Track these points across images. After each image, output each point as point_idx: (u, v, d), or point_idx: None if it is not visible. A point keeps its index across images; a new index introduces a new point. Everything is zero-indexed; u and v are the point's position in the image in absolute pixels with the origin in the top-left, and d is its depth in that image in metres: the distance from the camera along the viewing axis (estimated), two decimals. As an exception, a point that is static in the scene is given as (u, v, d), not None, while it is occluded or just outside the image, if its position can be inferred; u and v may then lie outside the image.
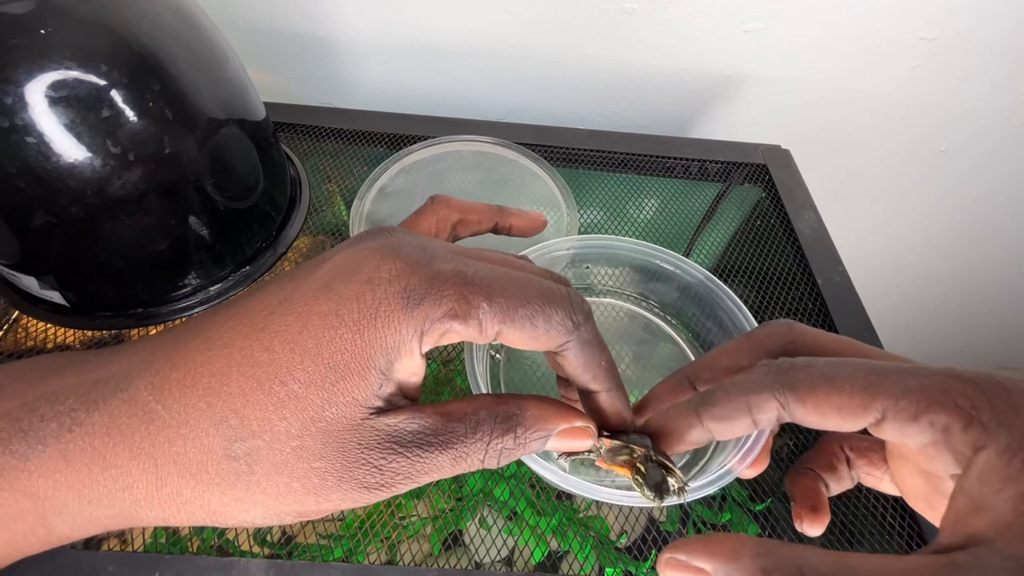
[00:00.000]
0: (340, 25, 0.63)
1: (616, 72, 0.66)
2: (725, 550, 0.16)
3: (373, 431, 0.18)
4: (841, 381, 0.18)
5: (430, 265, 0.18)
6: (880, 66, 0.66)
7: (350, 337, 0.17)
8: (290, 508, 0.17)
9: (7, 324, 0.43)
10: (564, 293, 0.20)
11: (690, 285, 0.39)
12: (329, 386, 0.17)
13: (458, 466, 0.18)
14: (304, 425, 0.17)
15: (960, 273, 0.98)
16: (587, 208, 0.56)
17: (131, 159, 0.34)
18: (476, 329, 0.18)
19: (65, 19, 0.31)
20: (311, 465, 0.17)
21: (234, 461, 0.17)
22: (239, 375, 0.17)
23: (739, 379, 0.21)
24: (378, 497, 0.18)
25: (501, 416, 0.19)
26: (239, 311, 0.19)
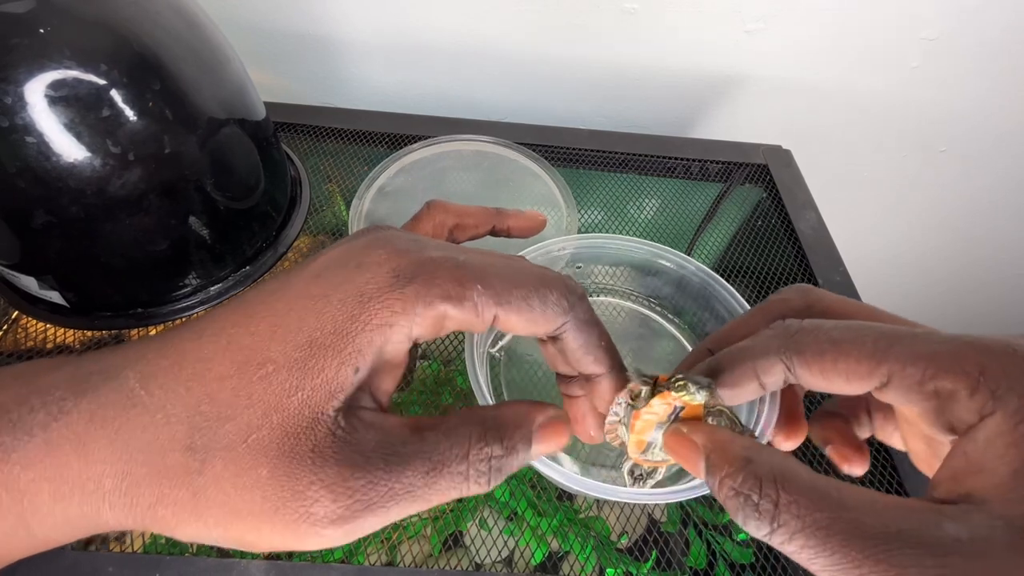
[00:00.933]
0: (340, 25, 0.63)
1: (616, 72, 0.66)
2: (719, 437, 0.18)
3: (331, 435, 0.16)
4: (848, 345, 0.18)
5: (421, 252, 0.18)
6: (880, 66, 0.66)
7: (331, 315, 0.16)
8: (228, 534, 0.16)
9: (7, 324, 0.43)
10: (558, 276, 0.20)
11: (686, 279, 0.39)
12: (299, 365, 0.16)
13: (434, 484, 0.16)
14: (266, 413, 0.16)
15: (960, 273, 0.98)
16: (587, 208, 0.56)
17: (131, 159, 0.34)
18: (472, 312, 0.17)
19: (65, 18, 0.31)
20: (259, 473, 0.15)
21: (191, 454, 0.15)
22: (223, 360, 0.16)
23: (746, 344, 0.20)
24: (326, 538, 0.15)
25: (477, 420, 0.17)
26: (234, 303, 0.18)
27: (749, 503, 0.15)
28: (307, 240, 0.50)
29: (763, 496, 0.15)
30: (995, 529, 0.13)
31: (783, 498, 0.15)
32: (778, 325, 0.20)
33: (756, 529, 0.15)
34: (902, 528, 0.14)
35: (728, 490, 0.16)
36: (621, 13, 0.60)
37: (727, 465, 0.16)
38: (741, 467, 0.16)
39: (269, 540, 0.15)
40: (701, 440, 0.18)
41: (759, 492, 0.15)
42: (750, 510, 0.15)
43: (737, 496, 0.16)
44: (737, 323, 0.24)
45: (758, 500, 0.15)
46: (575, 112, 0.71)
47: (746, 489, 0.16)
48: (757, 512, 0.15)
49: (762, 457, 0.16)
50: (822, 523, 0.14)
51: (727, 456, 0.17)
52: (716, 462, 0.17)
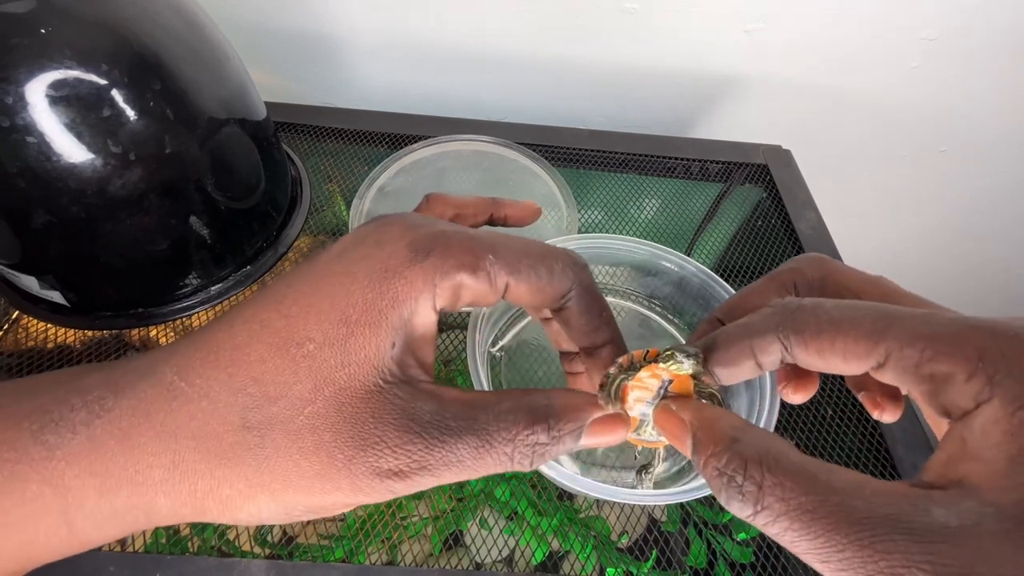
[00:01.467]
0: (341, 25, 0.63)
1: (616, 72, 0.66)
2: (708, 415, 0.18)
3: (388, 404, 0.17)
4: (846, 325, 0.17)
5: (433, 227, 0.19)
6: (880, 66, 0.66)
7: (360, 292, 0.17)
8: (297, 498, 0.16)
9: (7, 324, 0.43)
10: (562, 248, 0.20)
11: (686, 280, 0.39)
12: (341, 342, 0.17)
13: (482, 460, 0.17)
14: (317, 387, 0.17)
15: (960, 272, 0.98)
16: (587, 208, 0.56)
17: (132, 159, 0.34)
18: (486, 282, 0.18)
19: (66, 18, 0.31)
20: (321, 437, 0.16)
21: (248, 431, 0.16)
22: (259, 343, 0.17)
23: (743, 322, 0.20)
24: (391, 490, 0.17)
25: (528, 406, 0.18)
26: (259, 293, 0.19)
27: (733, 484, 0.15)
28: (307, 240, 0.50)
29: (747, 478, 0.15)
30: (985, 516, 0.13)
31: (768, 480, 0.15)
32: (777, 303, 0.20)
33: (739, 510, 0.15)
34: (889, 513, 0.13)
35: (712, 470, 0.16)
36: (621, 13, 0.60)
37: (713, 444, 0.16)
38: (727, 446, 0.16)
39: (338, 497, 0.16)
40: (689, 416, 0.18)
41: (743, 473, 0.15)
42: (733, 491, 0.15)
43: (721, 476, 0.16)
44: (747, 292, 0.24)
45: (741, 482, 0.15)
46: (575, 112, 0.71)
47: (730, 470, 0.15)
48: (740, 494, 0.15)
49: (749, 437, 0.16)
50: (807, 506, 0.14)
51: (713, 434, 0.17)
52: (702, 440, 0.17)
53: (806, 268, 0.22)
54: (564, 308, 0.20)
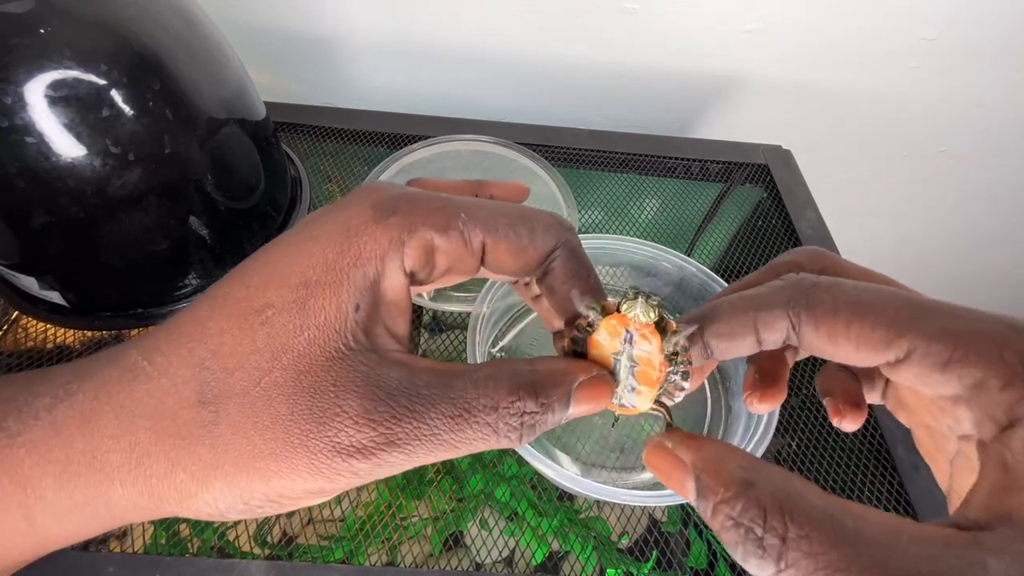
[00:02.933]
0: (341, 25, 0.63)
1: (616, 72, 0.66)
2: (712, 453, 0.15)
3: (351, 371, 0.15)
4: (867, 309, 0.16)
5: (400, 189, 0.18)
6: (880, 66, 0.66)
7: (321, 252, 0.16)
8: (253, 484, 0.15)
9: (7, 324, 0.43)
10: (547, 211, 0.19)
11: (686, 280, 0.39)
12: (300, 305, 0.16)
13: (460, 432, 0.15)
14: (275, 355, 0.15)
15: (961, 272, 0.98)
16: (587, 208, 0.56)
17: (131, 159, 0.34)
18: (460, 241, 0.17)
19: (65, 18, 0.31)
20: (277, 411, 0.15)
21: (203, 407, 0.15)
22: (220, 316, 0.16)
23: (750, 292, 0.18)
24: (354, 471, 0.15)
25: (510, 372, 0.16)
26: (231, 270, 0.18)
27: (751, 537, 0.13)
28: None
29: (768, 529, 0.13)
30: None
31: (792, 532, 0.13)
32: (790, 277, 0.18)
33: (758, 568, 0.13)
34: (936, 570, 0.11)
35: (724, 519, 0.14)
36: (621, 13, 0.60)
37: (722, 488, 0.14)
38: (740, 492, 0.14)
39: (296, 481, 0.15)
40: (689, 457, 0.16)
41: (762, 524, 0.13)
42: (752, 545, 0.13)
43: (736, 528, 0.13)
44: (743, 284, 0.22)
45: (761, 534, 0.13)
46: (575, 112, 0.71)
47: (747, 520, 0.13)
48: (760, 548, 0.13)
49: (763, 478, 0.14)
50: (839, 563, 0.12)
51: (721, 477, 0.14)
52: (709, 484, 0.15)
53: (804, 261, 0.21)
54: (548, 273, 0.19)
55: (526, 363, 0.17)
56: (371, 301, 0.16)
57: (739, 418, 0.35)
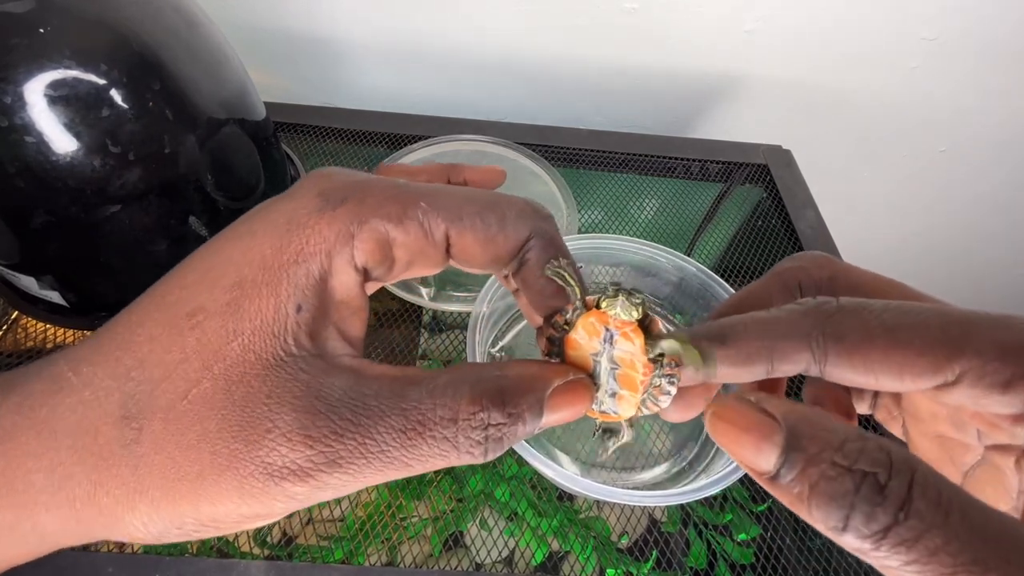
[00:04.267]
0: (340, 25, 0.63)
1: (616, 72, 0.66)
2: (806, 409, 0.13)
3: (289, 380, 0.14)
4: (907, 333, 0.14)
5: (353, 176, 0.16)
6: (880, 66, 0.66)
7: (258, 248, 0.15)
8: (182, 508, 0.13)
9: (7, 324, 0.43)
10: (520, 197, 0.17)
11: (686, 280, 0.39)
12: (234, 308, 0.14)
13: (414, 448, 0.13)
14: (206, 364, 0.14)
15: (961, 272, 0.98)
16: (587, 208, 0.56)
17: (131, 159, 0.33)
18: (419, 232, 0.15)
19: (65, 18, 0.31)
20: (205, 427, 0.13)
21: (126, 423, 0.13)
22: (151, 321, 0.14)
23: (765, 317, 0.16)
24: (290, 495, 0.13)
25: (474, 379, 0.14)
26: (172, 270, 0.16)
27: (869, 483, 0.11)
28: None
29: (895, 474, 0.11)
30: None
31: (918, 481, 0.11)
32: (807, 302, 0.16)
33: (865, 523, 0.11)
34: None
35: (829, 467, 0.12)
36: (621, 13, 0.60)
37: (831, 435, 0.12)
38: (856, 439, 0.12)
39: (227, 506, 0.13)
40: (782, 408, 0.13)
41: (888, 469, 0.11)
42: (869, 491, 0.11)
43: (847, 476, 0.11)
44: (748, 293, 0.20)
45: (885, 480, 0.11)
46: (575, 112, 0.71)
47: (866, 464, 0.11)
48: (880, 496, 0.11)
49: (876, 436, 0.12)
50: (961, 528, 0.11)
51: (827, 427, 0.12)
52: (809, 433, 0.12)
53: (811, 267, 0.20)
54: (523, 266, 0.17)
55: (493, 367, 0.15)
56: (317, 301, 0.15)
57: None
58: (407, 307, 0.47)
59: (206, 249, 0.15)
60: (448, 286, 0.45)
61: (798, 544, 0.36)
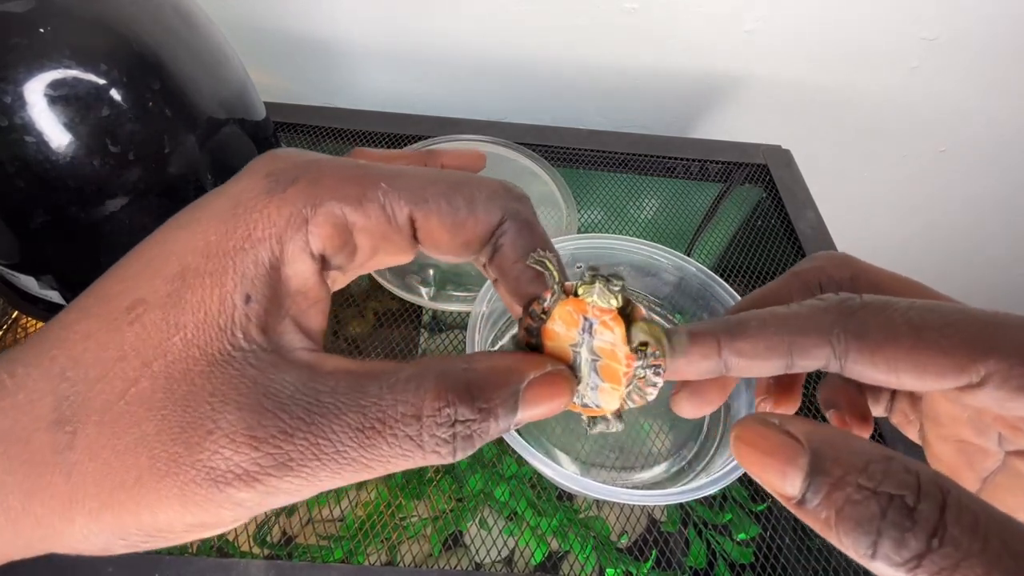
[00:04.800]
0: (340, 25, 0.63)
1: (616, 72, 0.66)
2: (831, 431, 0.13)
3: (235, 376, 0.13)
4: (932, 332, 0.14)
5: (304, 155, 0.15)
6: (880, 66, 0.66)
7: (202, 235, 0.14)
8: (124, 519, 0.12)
9: (7, 324, 0.43)
10: (493, 179, 0.16)
11: (685, 280, 0.39)
12: (175, 299, 0.13)
13: (373, 448, 0.12)
14: (145, 361, 0.13)
15: (961, 272, 0.98)
16: (587, 208, 0.56)
17: (131, 158, 0.34)
18: (380, 215, 0.14)
19: (65, 18, 0.31)
20: (143, 430, 0.12)
21: (60, 428, 0.12)
22: (88, 316, 0.13)
23: (785, 312, 0.16)
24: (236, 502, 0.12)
25: (439, 372, 0.13)
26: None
27: (896, 507, 0.11)
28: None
29: (923, 497, 0.11)
30: None
31: (952, 503, 0.10)
32: (830, 298, 0.16)
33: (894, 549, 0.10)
34: None
35: (855, 491, 0.11)
36: (621, 13, 0.60)
37: (855, 457, 0.12)
38: (882, 460, 0.11)
39: (171, 516, 0.12)
40: (804, 429, 0.13)
41: (916, 492, 0.11)
42: (897, 516, 0.11)
43: (872, 499, 0.11)
44: (766, 292, 0.20)
45: (914, 503, 0.10)
46: (575, 112, 0.71)
47: (893, 487, 0.11)
48: (909, 520, 0.10)
49: (902, 457, 0.12)
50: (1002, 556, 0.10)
51: (851, 449, 0.12)
52: (833, 455, 0.12)
53: (831, 267, 0.19)
54: (497, 251, 0.16)
55: (461, 360, 0.14)
56: (268, 291, 0.14)
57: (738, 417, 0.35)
58: (407, 307, 0.47)
59: (149, 240, 0.15)
60: (448, 286, 0.45)
61: (798, 544, 0.36)
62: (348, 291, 0.48)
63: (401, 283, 0.45)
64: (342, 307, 0.47)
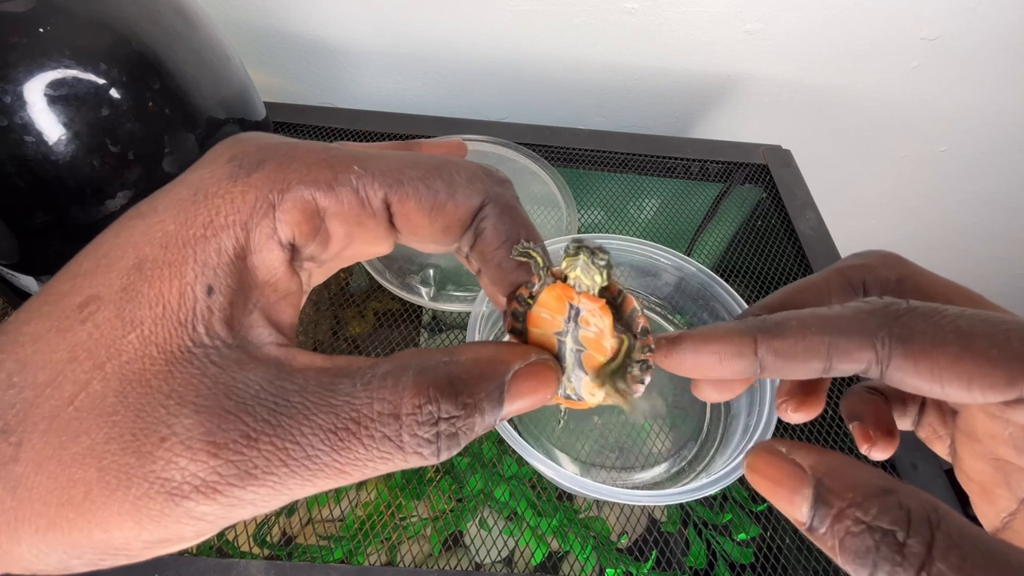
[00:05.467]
0: (340, 26, 0.63)
1: (616, 72, 0.66)
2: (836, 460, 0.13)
3: (195, 376, 0.11)
4: (983, 341, 0.13)
5: (269, 138, 0.14)
6: (880, 66, 0.66)
7: (160, 225, 0.12)
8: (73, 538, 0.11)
9: (6, 324, 0.43)
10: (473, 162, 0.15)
11: (686, 280, 0.39)
12: (131, 294, 0.12)
13: (347, 451, 0.11)
14: (97, 363, 0.11)
15: (961, 273, 0.98)
16: (587, 208, 0.56)
17: (131, 158, 0.34)
18: (353, 199, 0.13)
19: (65, 17, 0.31)
20: (93, 439, 0.11)
21: (4, 438, 0.11)
22: (38, 316, 0.12)
23: (826, 313, 0.15)
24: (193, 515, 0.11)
25: (418, 366, 0.12)
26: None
27: (888, 542, 0.11)
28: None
29: (912, 532, 0.11)
30: None
31: (939, 540, 0.11)
32: (874, 301, 0.15)
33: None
34: None
35: (852, 524, 0.12)
36: (621, 13, 0.60)
37: (852, 492, 0.12)
38: (878, 495, 0.12)
39: (125, 533, 0.11)
40: (809, 461, 0.13)
41: (906, 528, 0.11)
42: (888, 550, 0.11)
43: (868, 533, 0.11)
44: (804, 286, 0.19)
45: (904, 538, 0.11)
46: (575, 112, 0.71)
47: (886, 522, 0.11)
48: (899, 555, 0.11)
49: (904, 487, 0.12)
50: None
51: (851, 481, 0.12)
52: (835, 488, 0.12)
53: (879, 266, 0.18)
54: (479, 237, 0.15)
55: (442, 353, 0.13)
56: (232, 282, 0.12)
57: (738, 416, 0.35)
58: (407, 307, 0.47)
59: (104, 233, 0.13)
60: (448, 286, 0.45)
61: (798, 544, 0.36)
62: (348, 291, 0.48)
63: (401, 283, 0.45)
64: (342, 307, 0.47)
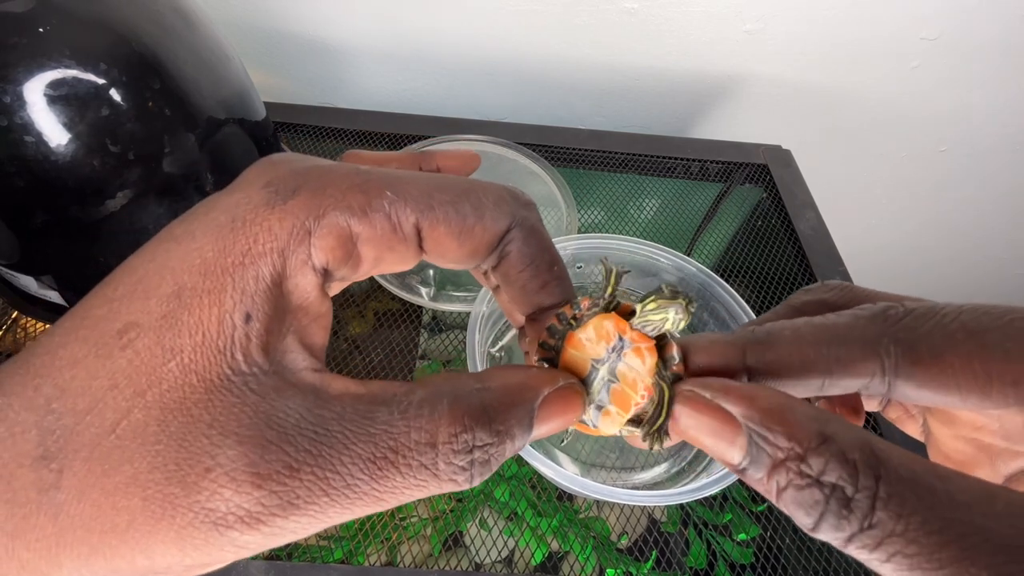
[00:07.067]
0: (340, 26, 0.63)
1: (616, 72, 0.66)
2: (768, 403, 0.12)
3: (235, 404, 0.12)
4: (996, 335, 0.12)
5: (304, 161, 0.14)
6: (880, 66, 0.66)
7: (198, 252, 0.13)
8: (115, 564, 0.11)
9: (7, 324, 0.43)
10: (498, 184, 0.15)
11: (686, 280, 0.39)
12: (171, 322, 0.12)
13: (386, 480, 0.12)
14: (138, 390, 0.12)
15: (961, 272, 0.98)
16: (587, 208, 0.56)
17: (130, 158, 0.33)
18: (386, 224, 0.14)
19: (65, 17, 0.31)
20: (136, 467, 0.11)
21: (44, 465, 0.11)
22: (75, 341, 0.12)
23: (820, 321, 0.14)
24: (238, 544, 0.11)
25: (453, 394, 0.13)
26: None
27: (837, 496, 0.11)
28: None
29: (860, 488, 0.11)
30: None
31: (882, 490, 0.11)
32: (871, 307, 0.14)
33: (834, 530, 0.11)
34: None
35: (795, 477, 0.11)
36: (621, 13, 0.60)
37: (791, 441, 0.11)
38: (819, 446, 0.11)
39: (168, 560, 0.11)
40: (739, 409, 0.12)
41: (854, 482, 0.11)
42: (837, 505, 0.11)
43: (815, 487, 0.11)
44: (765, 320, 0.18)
45: (853, 493, 0.11)
46: (575, 112, 0.71)
47: (834, 478, 0.11)
48: (846, 509, 0.11)
49: (841, 431, 0.11)
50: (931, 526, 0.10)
51: (791, 428, 0.12)
52: (770, 439, 0.12)
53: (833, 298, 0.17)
54: (504, 259, 0.16)
55: (473, 379, 0.13)
56: (269, 309, 0.13)
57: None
58: (407, 307, 0.47)
59: (138, 256, 0.13)
60: (448, 286, 0.45)
61: (798, 544, 0.36)
62: (348, 291, 0.48)
63: (401, 283, 0.45)
64: (342, 307, 0.47)
